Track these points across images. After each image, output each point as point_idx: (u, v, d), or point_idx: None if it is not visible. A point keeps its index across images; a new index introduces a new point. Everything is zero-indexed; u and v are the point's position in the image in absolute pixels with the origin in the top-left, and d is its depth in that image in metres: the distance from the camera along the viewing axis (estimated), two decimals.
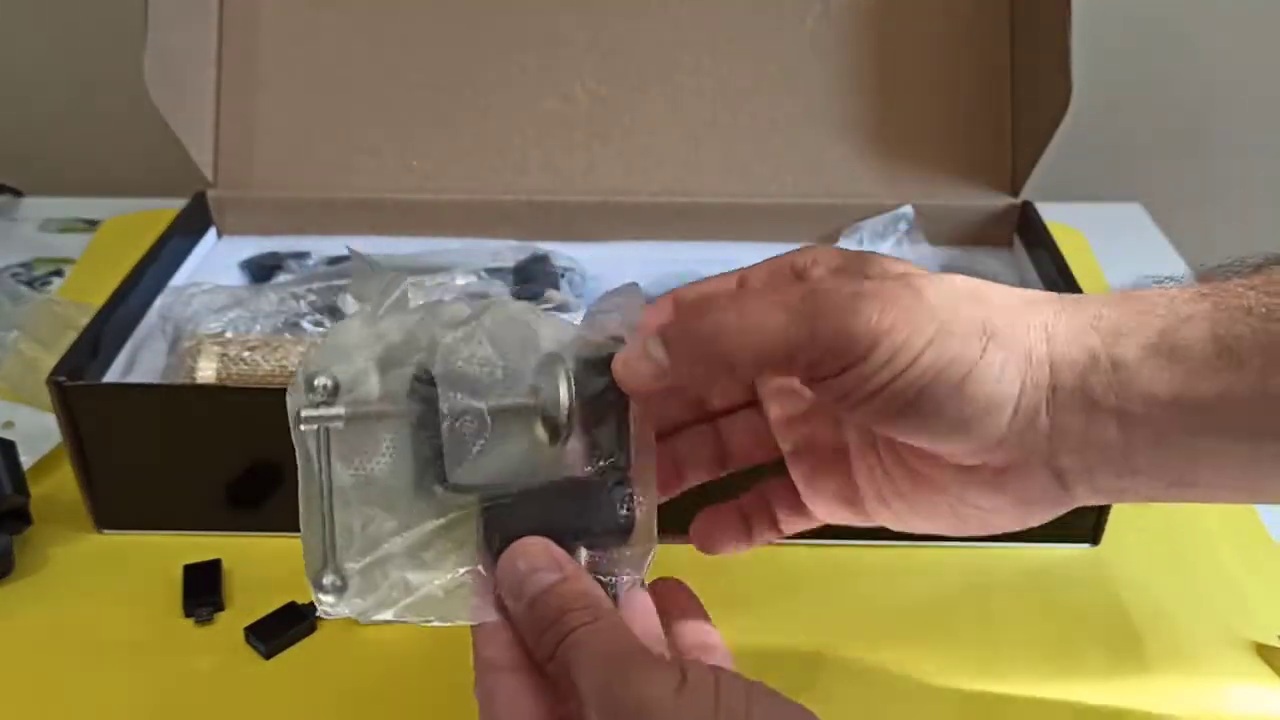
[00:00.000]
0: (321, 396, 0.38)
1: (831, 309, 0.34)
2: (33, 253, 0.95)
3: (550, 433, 0.37)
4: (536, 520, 0.37)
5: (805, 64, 0.81)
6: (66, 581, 0.60)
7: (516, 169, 0.82)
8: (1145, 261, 0.93)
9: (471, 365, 0.37)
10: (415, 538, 0.38)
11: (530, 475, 0.38)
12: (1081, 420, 0.34)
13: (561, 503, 0.38)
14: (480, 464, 0.37)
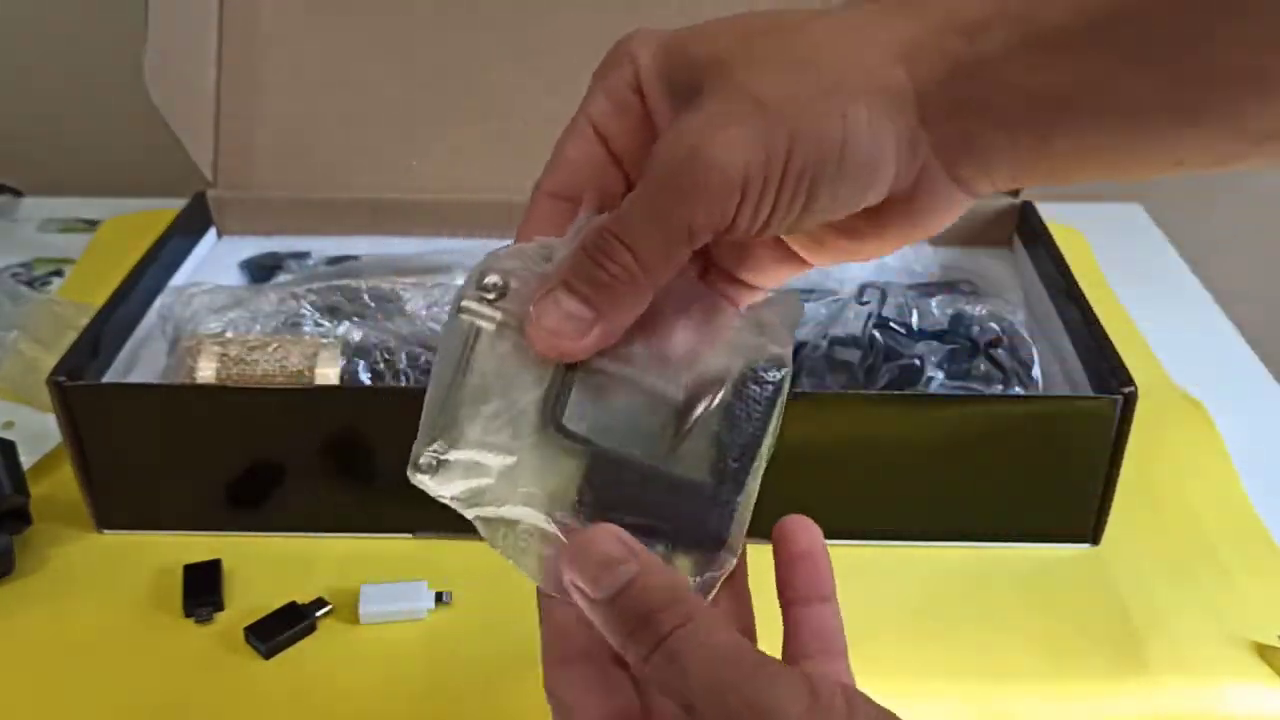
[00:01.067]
0: (488, 294, 0.37)
1: (686, 172, 0.32)
2: (33, 253, 0.95)
3: (673, 430, 0.36)
4: (635, 503, 0.36)
5: None
6: (67, 581, 0.60)
7: (516, 169, 0.82)
8: (1145, 262, 0.94)
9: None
10: (516, 463, 0.37)
11: (648, 455, 0.36)
12: (958, 126, 0.33)
13: (669, 498, 0.36)
14: (603, 422, 0.36)
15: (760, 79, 0.33)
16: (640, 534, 0.35)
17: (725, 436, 0.37)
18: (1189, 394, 0.75)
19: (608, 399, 0.36)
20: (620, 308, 0.35)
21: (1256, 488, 0.67)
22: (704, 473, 0.36)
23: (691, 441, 0.36)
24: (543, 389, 0.36)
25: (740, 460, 0.37)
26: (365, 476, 0.61)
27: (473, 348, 0.36)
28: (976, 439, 0.59)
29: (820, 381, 0.65)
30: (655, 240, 0.34)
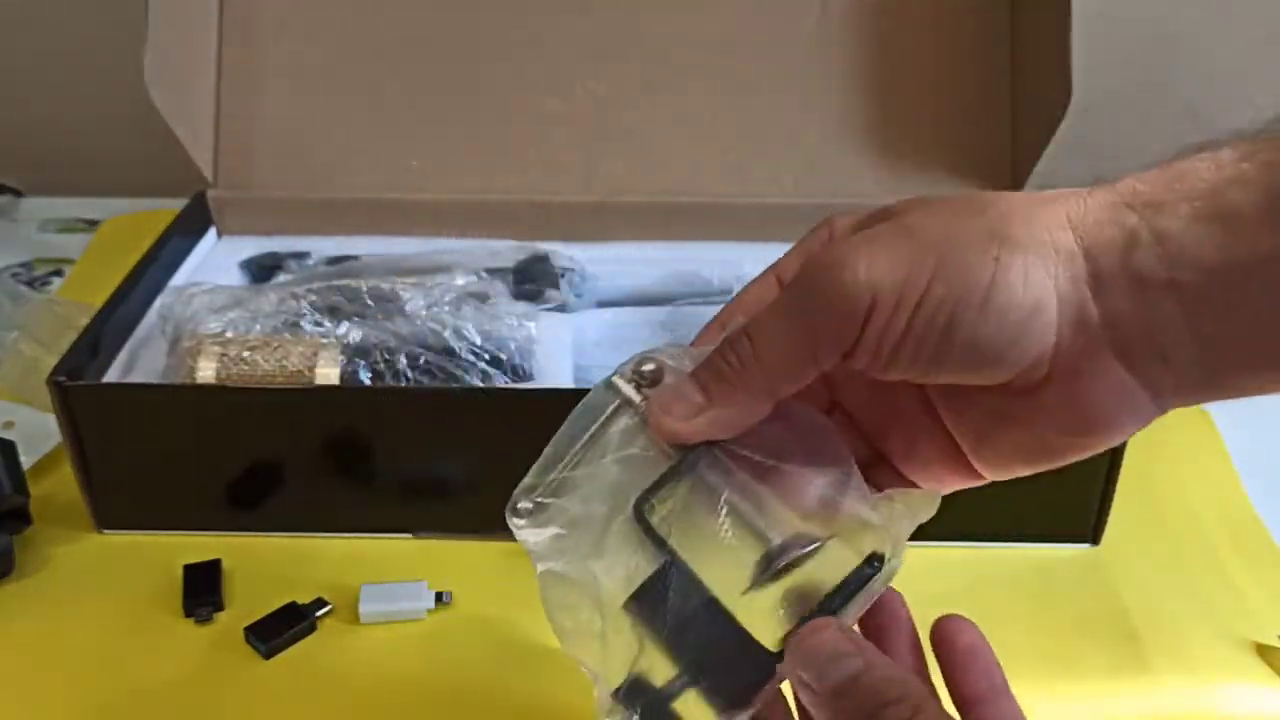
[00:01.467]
0: (641, 378, 0.37)
1: (821, 283, 0.32)
2: (33, 253, 0.95)
3: (753, 573, 0.35)
4: (683, 624, 0.34)
5: (805, 64, 0.81)
6: (67, 581, 0.60)
7: (516, 169, 0.82)
8: None
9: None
10: (600, 539, 0.36)
11: (716, 583, 0.35)
12: (1134, 302, 0.31)
13: (717, 637, 0.34)
14: (688, 532, 0.35)
15: (924, 218, 0.32)
16: (672, 652, 0.34)
17: (795, 603, 0.35)
18: None
19: (703, 514, 0.35)
20: (731, 401, 0.34)
21: (1256, 488, 0.67)
22: (761, 629, 0.34)
23: (764, 592, 0.35)
24: (650, 481, 0.35)
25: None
26: (365, 476, 0.61)
27: (606, 422, 0.36)
28: None
29: None
30: (780, 342, 0.33)
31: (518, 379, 0.66)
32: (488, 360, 0.66)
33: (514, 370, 0.66)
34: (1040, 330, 0.31)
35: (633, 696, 0.35)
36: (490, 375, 0.66)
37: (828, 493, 0.35)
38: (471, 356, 0.66)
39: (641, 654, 0.35)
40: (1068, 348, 0.32)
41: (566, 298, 0.75)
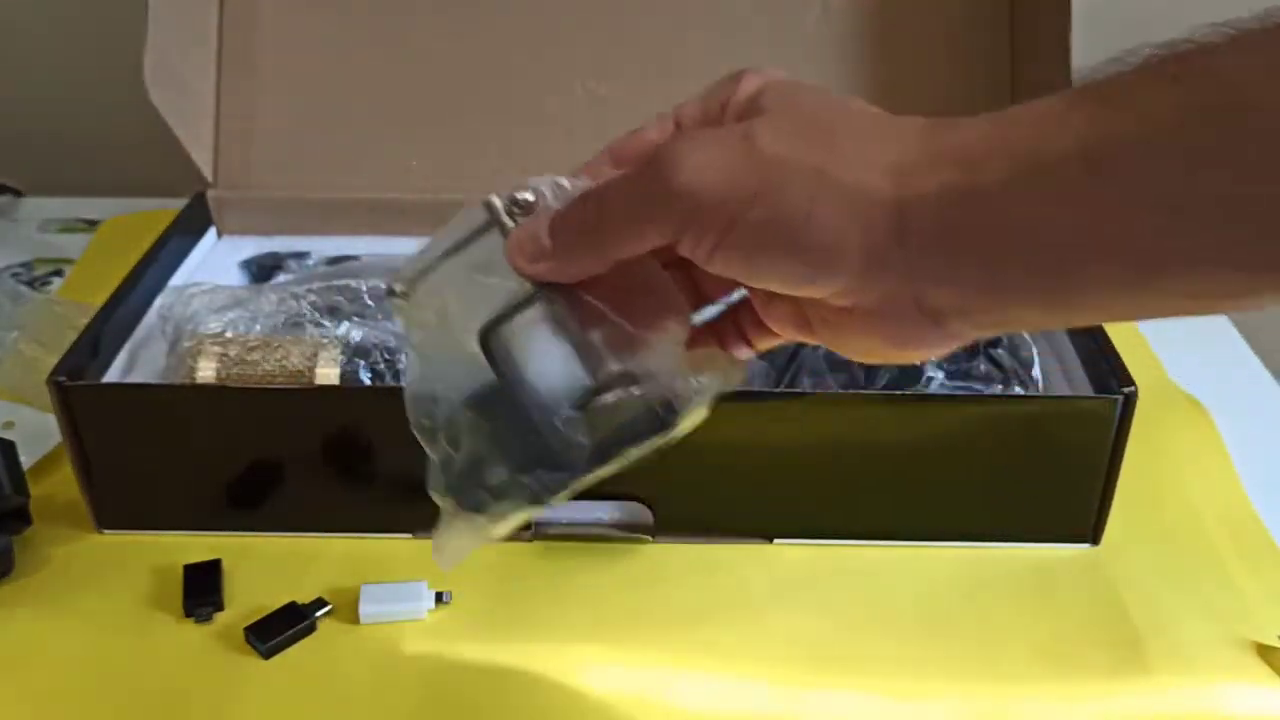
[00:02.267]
0: (516, 205, 0.40)
1: (657, 174, 0.34)
2: (33, 253, 0.95)
3: (573, 404, 0.38)
4: (508, 428, 0.39)
5: (805, 64, 0.81)
6: (67, 581, 0.60)
7: (516, 169, 0.82)
8: None
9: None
10: (456, 348, 0.41)
11: (538, 404, 0.38)
12: (942, 260, 0.32)
13: (535, 436, 0.38)
14: (523, 358, 0.39)
15: (769, 133, 0.34)
16: (498, 450, 0.39)
17: (604, 433, 0.38)
18: (1189, 394, 0.75)
19: (537, 343, 0.38)
20: (570, 258, 0.37)
21: (1256, 487, 0.67)
22: (571, 439, 0.38)
23: (576, 417, 0.38)
24: (505, 303, 0.39)
25: (601, 457, 0.38)
26: (365, 476, 0.61)
27: (477, 238, 0.41)
28: (976, 439, 0.59)
29: (820, 381, 0.65)
30: (618, 216, 0.36)
31: None
32: None
33: None
34: (843, 271, 0.33)
35: (464, 484, 0.40)
36: None
37: (650, 342, 0.38)
38: None
39: (474, 449, 0.40)
40: (868, 290, 0.34)
41: None
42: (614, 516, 0.63)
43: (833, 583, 0.61)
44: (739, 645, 0.57)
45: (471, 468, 0.40)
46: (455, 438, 0.41)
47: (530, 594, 0.60)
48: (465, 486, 0.40)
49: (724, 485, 0.62)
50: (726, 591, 0.60)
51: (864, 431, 0.59)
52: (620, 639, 0.57)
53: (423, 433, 0.42)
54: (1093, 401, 0.59)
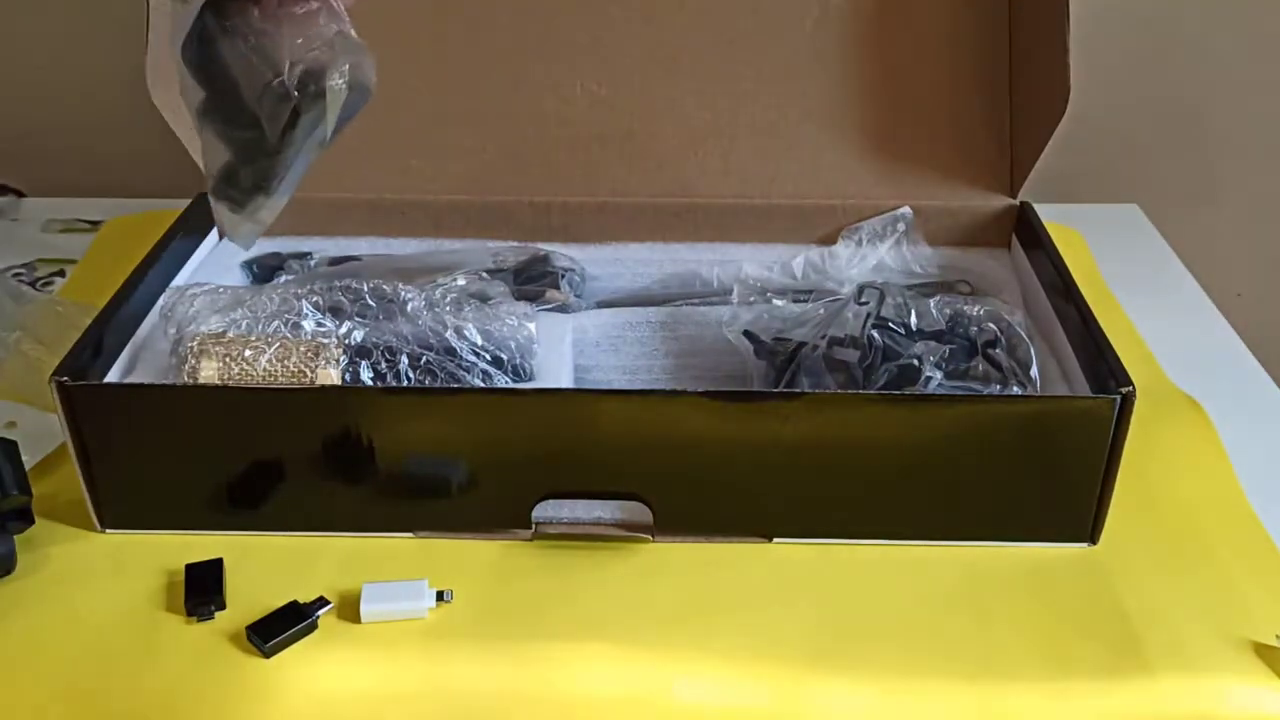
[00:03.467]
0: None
1: None
2: (35, 253, 0.95)
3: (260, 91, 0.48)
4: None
5: (805, 65, 0.81)
6: (69, 580, 0.61)
7: (516, 169, 0.82)
8: (1143, 262, 0.94)
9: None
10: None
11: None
12: None
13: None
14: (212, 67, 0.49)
15: None
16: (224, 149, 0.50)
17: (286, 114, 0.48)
18: (1187, 394, 0.75)
19: (223, 51, 0.47)
20: None
21: (1254, 487, 0.67)
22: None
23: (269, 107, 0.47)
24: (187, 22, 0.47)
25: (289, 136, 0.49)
26: (366, 476, 0.62)
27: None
28: (975, 439, 0.59)
29: (819, 381, 0.65)
30: None
31: (518, 379, 0.67)
32: (488, 360, 0.66)
33: (514, 370, 0.67)
34: None
35: (218, 187, 0.52)
36: (491, 375, 0.66)
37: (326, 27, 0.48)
38: (472, 357, 0.66)
39: (216, 156, 0.51)
40: None
41: (566, 298, 0.75)
42: (614, 516, 0.63)
43: (832, 582, 0.61)
44: (739, 645, 0.57)
45: (222, 172, 0.51)
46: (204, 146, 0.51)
47: (530, 594, 0.60)
48: (218, 189, 0.51)
49: (724, 485, 0.62)
50: (726, 591, 0.60)
51: (862, 431, 0.60)
52: (620, 639, 0.57)
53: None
54: (1091, 401, 0.59)
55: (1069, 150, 0.82)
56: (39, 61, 1.08)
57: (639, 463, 0.61)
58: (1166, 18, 1.05)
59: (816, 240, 0.81)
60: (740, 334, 0.71)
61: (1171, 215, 1.02)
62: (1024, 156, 0.79)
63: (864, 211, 0.80)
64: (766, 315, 0.72)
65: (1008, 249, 0.81)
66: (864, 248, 0.79)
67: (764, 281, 0.78)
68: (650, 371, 0.74)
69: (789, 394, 0.61)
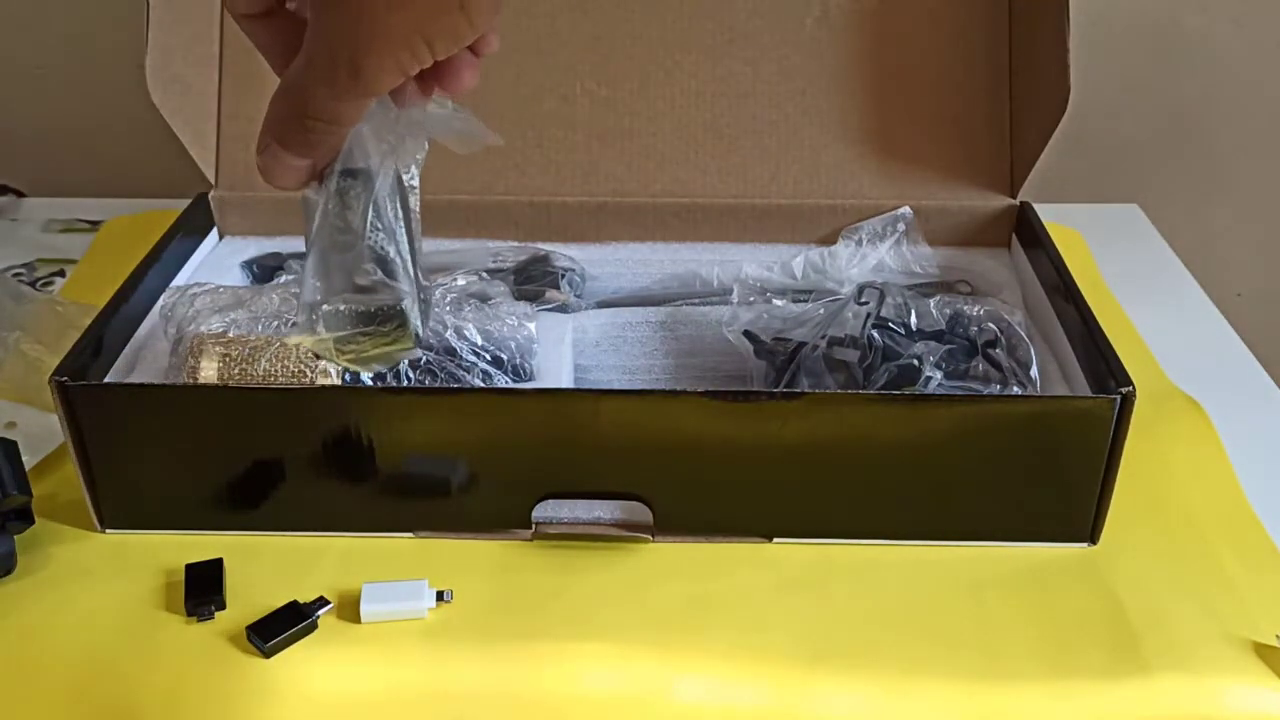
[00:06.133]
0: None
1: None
2: (35, 253, 0.95)
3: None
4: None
5: (805, 64, 0.81)
6: (69, 580, 0.61)
7: (516, 169, 0.82)
8: (1143, 262, 0.94)
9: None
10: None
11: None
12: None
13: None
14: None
15: None
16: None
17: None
18: (1187, 394, 0.75)
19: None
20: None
21: (1254, 487, 0.67)
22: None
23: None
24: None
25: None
26: (366, 476, 0.62)
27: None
28: (975, 439, 0.59)
29: (819, 381, 0.65)
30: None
31: (518, 379, 0.67)
32: (488, 360, 0.66)
33: (514, 370, 0.67)
34: None
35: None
36: (491, 375, 0.66)
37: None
38: (472, 356, 0.66)
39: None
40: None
41: (566, 298, 0.75)
42: (614, 516, 0.63)
43: (832, 582, 0.61)
44: (739, 645, 0.57)
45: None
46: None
47: (530, 594, 0.60)
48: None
49: (724, 485, 0.62)
50: (726, 591, 0.60)
51: (862, 431, 0.60)
52: (620, 639, 0.57)
53: None
54: (1091, 401, 0.59)
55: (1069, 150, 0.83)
56: (39, 61, 1.08)
57: (639, 463, 0.61)
58: (1166, 18, 1.05)
59: (816, 240, 0.81)
60: (740, 334, 0.71)
61: (1171, 215, 1.02)
62: (1024, 156, 0.79)
63: (864, 211, 0.80)
64: (766, 315, 0.72)
65: (1008, 249, 0.81)
66: (864, 248, 0.79)
67: (764, 281, 0.78)
68: (650, 371, 0.74)
69: (789, 394, 0.61)
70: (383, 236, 0.45)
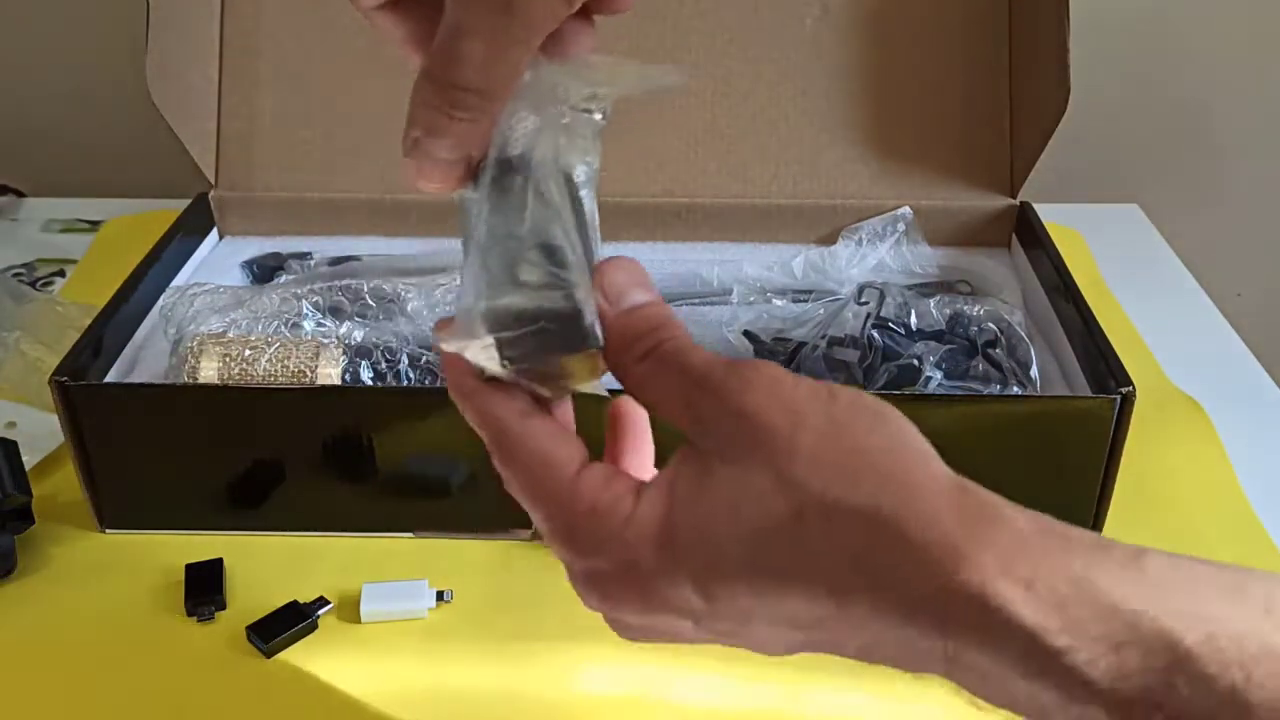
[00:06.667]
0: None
1: None
2: (35, 253, 0.95)
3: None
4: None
5: (805, 64, 0.81)
6: (69, 580, 0.61)
7: None
8: (1143, 262, 0.94)
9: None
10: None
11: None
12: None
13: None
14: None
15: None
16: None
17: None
18: (1187, 394, 0.75)
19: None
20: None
21: (1254, 487, 0.67)
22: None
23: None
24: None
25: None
26: (366, 476, 0.62)
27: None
28: (974, 439, 0.59)
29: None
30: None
31: None
32: None
33: None
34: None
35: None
36: None
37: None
38: None
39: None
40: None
41: None
42: None
43: None
44: None
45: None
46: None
47: (530, 594, 0.60)
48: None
49: None
50: None
51: None
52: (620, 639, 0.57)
53: None
54: (1090, 401, 0.59)
55: (1069, 150, 0.82)
56: (39, 61, 1.08)
57: None
58: (1166, 18, 1.05)
59: (816, 240, 0.81)
60: (740, 334, 0.71)
61: (1171, 215, 1.02)
62: (1024, 156, 0.79)
63: (864, 211, 0.80)
64: (766, 315, 0.72)
65: (1008, 249, 0.81)
66: (864, 248, 0.79)
67: (764, 281, 0.78)
68: None
69: None
70: (549, 221, 0.38)
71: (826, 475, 0.30)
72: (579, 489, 0.34)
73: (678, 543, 0.31)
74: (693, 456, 0.32)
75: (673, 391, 0.33)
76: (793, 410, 0.31)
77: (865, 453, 0.31)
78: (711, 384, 0.32)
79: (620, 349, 0.34)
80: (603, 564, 0.33)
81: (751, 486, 0.31)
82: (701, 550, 0.31)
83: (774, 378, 0.32)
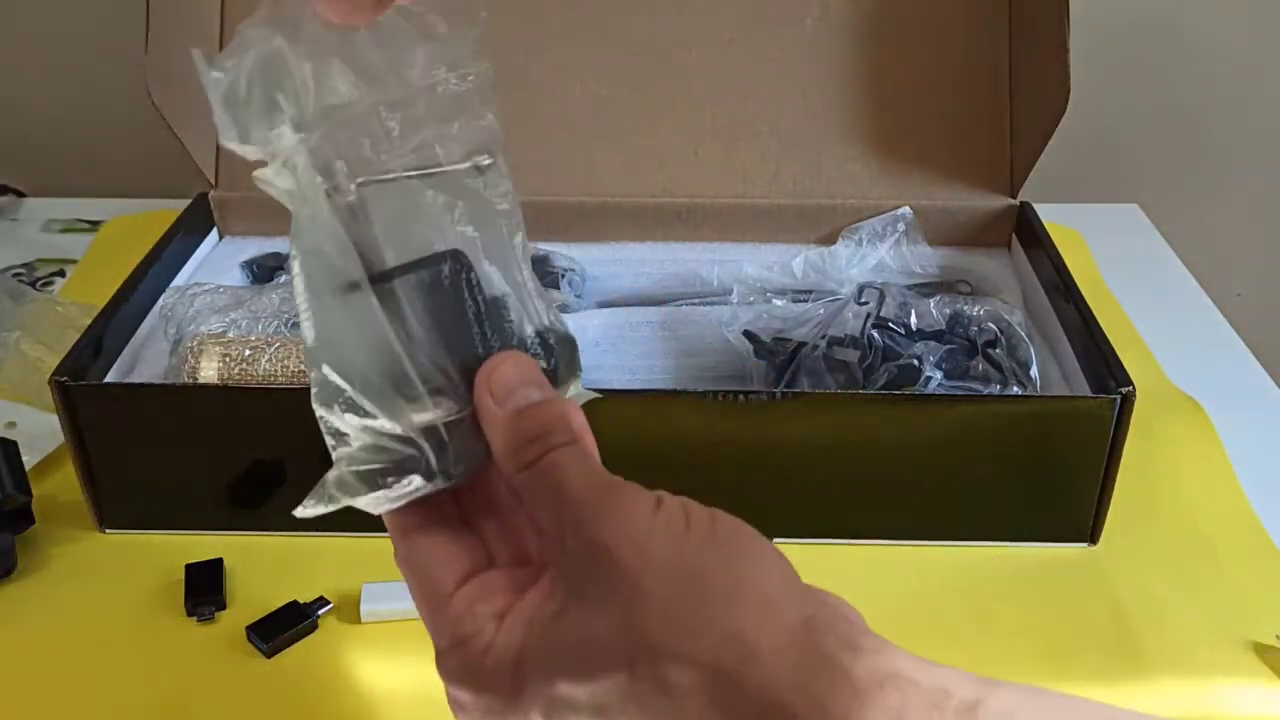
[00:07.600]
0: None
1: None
2: (35, 253, 0.95)
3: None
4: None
5: (805, 64, 0.81)
6: (69, 580, 0.61)
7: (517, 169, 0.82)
8: (1143, 262, 0.94)
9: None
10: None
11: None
12: None
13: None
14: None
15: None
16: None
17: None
18: (1187, 394, 0.75)
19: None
20: None
21: (1254, 487, 0.67)
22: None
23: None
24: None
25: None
26: None
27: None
28: (975, 439, 0.59)
29: (819, 381, 0.65)
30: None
31: None
32: None
33: None
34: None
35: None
36: None
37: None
38: None
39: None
40: None
41: (566, 298, 0.75)
42: None
43: (832, 582, 0.61)
44: None
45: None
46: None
47: None
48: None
49: (724, 485, 0.62)
50: None
51: (863, 431, 0.60)
52: None
53: None
54: (1091, 401, 0.59)
55: (1069, 150, 0.82)
56: (39, 62, 1.08)
57: (639, 463, 0.61)
58: (1166, 18, 1.05)
59: (816, 240, 0.81)
60: (740, 334, 0.71)
61: (1171, 215, 1.02)
62: (1024, 156, 0.79)
63: (864, 211, 0.80)
64: (766, 315, 0.72)
65: (1008, 249, 0.81)
66: (864, 248, 0.79)
67: (764, 281, 0.78)
68: (650, 371, 0.74)
69: (789, 394, 0.61)
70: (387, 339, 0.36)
71: (667, 627, 0.30)
72: (449, 613, 0.35)
73: (526, 682, 0.32)
74: (557, 587, 0.33)
75: (548, 508, 0.33)
76: (643, 549, 0.31)
77: (709, 601, 0.31)
78: (577, 510, 0.32)
79: (505, 452, 0.34)
80: (465, 696, 0.33)
81: (596, 631, 0.31)
82: (547, 694, 0.31)
83: (631, 512, 0.32)
